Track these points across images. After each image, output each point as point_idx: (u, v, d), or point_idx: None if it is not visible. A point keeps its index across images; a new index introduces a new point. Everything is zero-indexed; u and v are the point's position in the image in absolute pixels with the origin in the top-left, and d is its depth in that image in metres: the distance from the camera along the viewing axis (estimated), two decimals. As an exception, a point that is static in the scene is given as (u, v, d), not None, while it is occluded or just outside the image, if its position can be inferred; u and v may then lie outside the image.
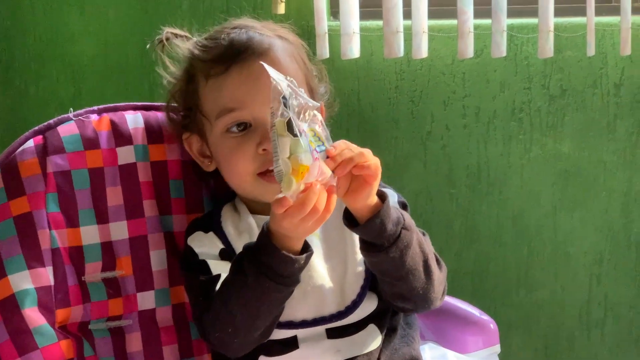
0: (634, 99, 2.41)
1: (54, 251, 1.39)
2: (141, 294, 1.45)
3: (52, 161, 1.41)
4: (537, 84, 2.44)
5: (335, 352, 1.36)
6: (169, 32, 1.48)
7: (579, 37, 2.37)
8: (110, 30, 2.59)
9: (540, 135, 2.47)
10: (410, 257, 1.29)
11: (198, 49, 1.41)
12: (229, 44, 1.38)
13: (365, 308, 1.37)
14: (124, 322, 1.44)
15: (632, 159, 2.45)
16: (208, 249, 1.39)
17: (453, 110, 2.49)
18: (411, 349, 1.41)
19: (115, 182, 1.44)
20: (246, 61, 1.37)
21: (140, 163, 1.46)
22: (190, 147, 1.46)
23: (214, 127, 1.39)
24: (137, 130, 1.47)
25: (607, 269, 2.52)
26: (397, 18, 2.35)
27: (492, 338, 1.58)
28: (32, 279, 1.36)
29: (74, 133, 1.44)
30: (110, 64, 2.61)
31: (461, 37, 2.34)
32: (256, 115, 1.36)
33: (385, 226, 1.25)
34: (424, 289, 1.34)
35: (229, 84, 1.37)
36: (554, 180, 2.49)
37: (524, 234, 2.53)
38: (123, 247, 1.44)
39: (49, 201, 1.40)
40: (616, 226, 2.49)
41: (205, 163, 1.46)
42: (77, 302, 1.41)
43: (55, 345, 1.36)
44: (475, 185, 2.52)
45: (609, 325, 2.55)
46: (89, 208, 1.42)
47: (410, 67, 2.48)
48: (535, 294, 2.55)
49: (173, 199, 1.48)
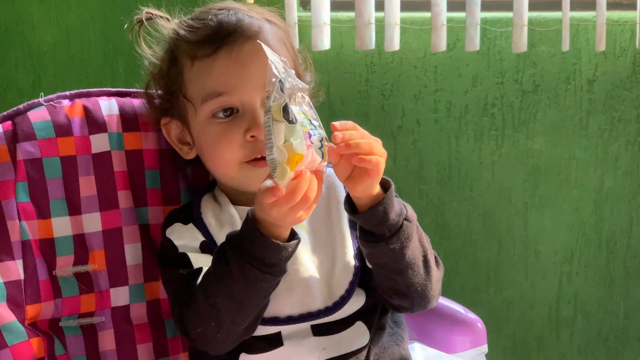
0: (607, 95, 2.39)
1: (24, 243, 1.31)
2: (114, 290, 1.38)
3: (22, 148, 1.33)
4: (510, 78, 2.41)
5: (321, 350, 1.30)
6: (149, 13, 1.40)
7: (553, 32, 2.34)
8: (72, 17, 2.52)
9: (512, 131, 2.43)
10: (410, 250, 1.24)
11: (184, 29, 1.33)
12: (218, 25, 1.31)
13: (353, 304, 1.31)
14: (97, 319, 1.37)
15: (604, 156, 2.42)
16: (188, 241, 1.32)
17: (424, 104, 2.45)
18: (401, 349, 1.35)
19: (89, 171, 1.36)
20: (235, 43, 1.30)
21: (114, 152, 1.38)
22: (168, 133, 1.39)
23: (199, 112, 1.32)
24: (112, 117, 1.40)
25: (578, 268, 2.49)
26: (369, 9, 2.31)
27: (480, 338, 1.54)
28: (0, 273, 1.29)
29: (46, 119, 1.36)
30: (72, 52, 2.53)
31: (434, 30, 2.30)
32: (244, 100, 1.29)
33: (387, 215, 1.20)
34: (422, 286, 1.29)
35: (217, 66, 1.30)
36: (525, 177, 2.46)
37: (495, 231, 2.50)
38: (96, 240, 1.36)
39: (19, 190, 1.32)
40: (587, 224, 2.47)
41: (185, 150, 1.39)
42: (48, 298, 1.33)
43: (25, 343, 1.28)
44: (446, 182, 2.48)
45: (578, 324, 2.52)
46: (61, 198, 1.34)
47: (382, 60, 2.43)
48: (505, 293, 2.52)
49: (149, 190, 1.41)
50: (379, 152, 1.17)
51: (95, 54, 2.52)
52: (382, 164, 1.17)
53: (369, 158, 1.14)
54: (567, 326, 2.52)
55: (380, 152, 1.17)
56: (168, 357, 1.42)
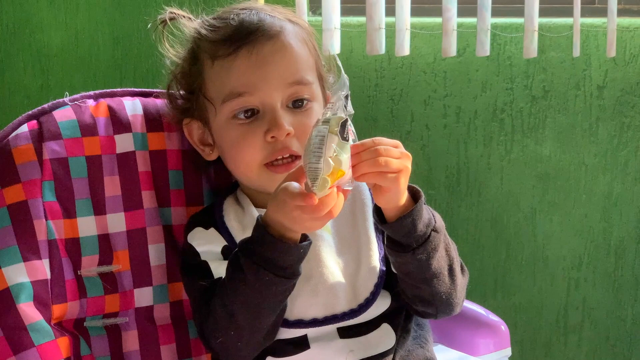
0: (617, 101, 2.39)
1: (50, 243, 1.30)
2: (138, 290, 1.37)
3: (48, 147, 1.32)
4: (520, 84, 2.41)
5: (348, 352, 1.29)
6: (173, 12, 1.40)
7: (563, 38, 2.35)
8: (80, 20, 2.51)
9: (522, 137, 2.44)
10: (436, 260, 1.24)
11: (205, 28, 1.33)
12: (239, 24, 1.30)
13: (379, 307, 1.31)
14: (120, 320, 1.36)
15: (613, 163, 2.43)
16: (210, 247, 1.31)
17: (433, 109, 2.45)
18: (425, 351, 1.35)
19: (114, 171, 1.36)
20: (257, 43, 1.29)
21: (139, 152, 1.38)
22: (190, 133, 1.38)
23: (219, 112, 1.31)
24: (136, 117, 1.39)
25: (586, 274, 2.49)
26: (380, 14, 2.31)
27: (504, 341, 1.54)
28: (27, 272, 1.28)
29: (71, 118, 1.35)
30: (80, 55, 2.52)
31: (445, 35, 2.30)
32: (265, 101, 1.28)
33: (415, 226, 1.19)
34: (447, 294, 1.29)
35: (238, 66, 1.29)
36: (534, 183, 2.46)
37: (503, 236, 2.50)
38: (120, 240, 1.36)
39: (45, 189, 1.31)
40: (596, 230, 2.47)
41: (206, 151, 1.38)
42: (74, 298, 1.32)
43: (52, 342, 1.27)
44: (455, 187, 2.48)
45: (586, 330, 2.52)
46: (86, 198, 1.34)
47: (391, 65, 2.43)
48: (513, 298, 2.52)
49: (172, 191, 1.40)
50: (396, 167, 1.15)
51: (104, 57, 2.51)
52: (400, 179, 1.15)
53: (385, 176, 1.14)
54: (575, 332, 2.52)
55: (397, 167, 1.15)
56: (191, 357, 1.41)
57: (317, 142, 1.08)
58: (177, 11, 1.40)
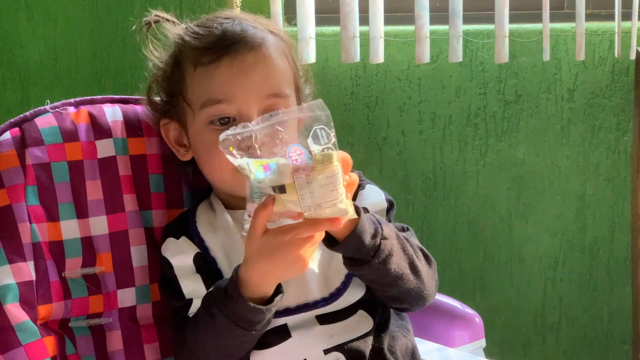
0: (587, 104, 2.45)
1: (34, 245, 1.34)
2: (121, 291, 1.40)
3: (31, 153, 1.36)
4: (493, 89, 2.46)
5: (329, 337, 1.33)
6: (157, 15, 1.43)
7: (533, 43, 2.40)
8: (59, 34, 2.54)
9: (496, 141, 2.48)
10: (394, 263, 1.28)
11: (189, 35, 1.36)
12: (222, 33, 1.34)
13: (353, 295, 1.35)
14: (104, 320, 1.40)
15: (585, 164, 2.48)
16: (182, 257, 1.36)
17: (409, 115, 2.49)
18: (408, 340, 1.40)
19: (95, 175, 1.39)
20: (238, 53, 1.33)
21: (119, 156, 1.42)
22: (167, 134, 1.42)
23: (197, 117, 1.35)
24: (116, 123, 1.43)
25: (562, 274, 2.54)
26: (354, 23, 2.35)
27: (478, 332, 1.58)
28: (13, 274, 1.31)
29: (53, 125, 1.39)
30: (59, 70, 2.55)
31: (418, 43, 2.34)
32: (242, 110, 1.32)
33: (363, 242, 1.23)
34: (415, 290, 1.33)
35: (219, 74, 1.33)
36: (509, 186, 2.51)
37: (480, 239, 2.54)
38: (103, 242, 1.39)
39: (29, 194, 1.34)
40: (570, 231, 2.52)
41: (181, 152, 1.42)
42: (59, 299, 1.36)
43: (39, 342, 1.31)
44: (431, 191, 2.52)
45: (563, 329, 2.57)
46: (69, 202, 1.37)
47: (366, 73, 2.48)
48: (491, 299, 2.56)
49: (153, 194, 1.44)
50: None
51: (82, 72, 2.54)
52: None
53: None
54: (553, 331, 2.57)
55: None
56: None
57: (332, 184, 1.10)
58: (162, 14, 1.43)
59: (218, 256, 1.36)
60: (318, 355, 1.33)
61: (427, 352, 1.43)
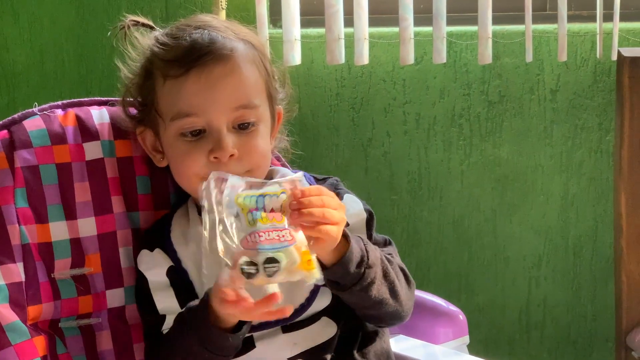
0: (570, 104, 2.47)
1: (24, 247, 1.35)
2: (110, 292, 1.42)
3: (19, 156, 1.37)
4: (476, 90, 2.48)
5: (293, 345, 1.35)
6: (131, 20, 1.44)
7: (516, 44, 2.43)
8: (45, 37, 2.55)
9: (480, 141, 2.51)
10: (375, 290, 1.30)
11: (158, 47, 1.36)
12: (190, 45, 1.33)
13: (318, 304, 1.37)
14: (94, 320, 1.41)
15: (568, 163, 2.51)
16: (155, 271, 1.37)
17: (393, 116, 2.51)
18: (382, 342, 1.41)
19: (83, 177, 1.40)
20: (206, 66, 1.32)
21: (107, 159, 1.43)
22: (144, 141, 1.43)
23: (167, 128, 1.36)
24: (103, 125, 1.44)
25: (546, 272, 2.57)
26: (339, 25, 2.37)
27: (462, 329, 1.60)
28: (3, 275, 1.32)
29: (41, 128, 1.40)
30: (46, 72, 2.56)
31: (402, 44, 2.37)
32: (211, 123, 1.32)
33: (348, 270, 1.25)
34: (393, 312, 1.35)
35: (187, 88, 1.32)
36: (493, 185, 2.53)
37: (464, 239, 2.56)
38: (92, 243, 1.40)
39: (18, 196, 1.35)
40: (554, 230, 2.54)
41: (157, 158, 1.42)
42: (48, 299, 1.37)
43: (28, 342, 1.32)
44: (416, 191, 2.54)
45: (548, 327, 2.59)
46: (58, 204, 1.38)
47: (351, 74, 2.50)
48: (476, 299, 2.58)
49: (140, 195, 1.45)
50: (333, 219, 1.20)
51: (69, 74, 2.56)
52: (334, 231, 1.21)
53: (319, 227, 1.19)
54: (537, 329, 2.59)
55: (334, 219, 1.20)
56: (163, 355, 1.46)
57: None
58: (138, 19, 1.44)
59: (189, 268, 1.37)
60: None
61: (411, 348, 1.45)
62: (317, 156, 2.53)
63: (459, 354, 1.51)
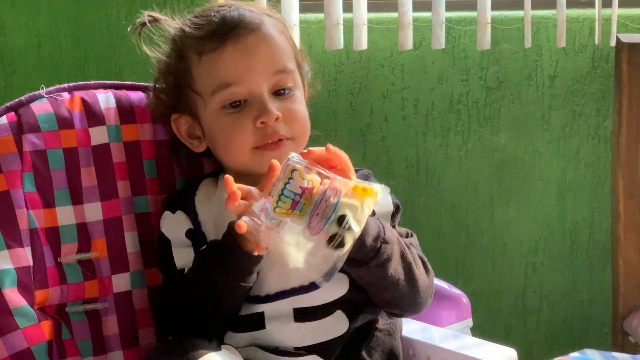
0: (568, 90, 2.48)
1: (31, 231, 1.35)
2: (116, 276, 1.42)
3: (27, 139, 1.37)
4: (475, 75, 2.48)
5: (301, 336, 1.36)
6: (150, 15, 1.46)
7: (515, 30, 2.43)
8: (42, 22, 2.54)
9: (478, 127, 2.51)
10: (392, 268, 1.31)
11: (189, 26, 1.40)
12: (221, 20, 1.38)
13: (335, 292, 1.37)
14: (100, 305, 1.41)
15: (565, 149, 2.51)
16: (176, 232, 1.39)
17: (392, 102, 2.51)
18: (392, 339, 1.42)
19: (89, 162, 1.41)
20: (240, 36, 1.36)
21: (113, 144, 1.43)
22: (178, 128, 1.44)
23: (209, 104, 1.38)
24: (110, 110, 1.44)
25: (542, 258, 2.58)
26: (338, 10, 2.37)
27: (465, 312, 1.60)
28: (11, 259, 1.32)
29: (49, 112, 1.40)
30: (43, 57, 2.55)
31: (401, 29, 2.36)
32: (252, 89, 1.36)
33: (364, 242, 1.26)
34: (409, 297, 1.36)
35: (224, 59, 1.36)
36: (491, 171, 2.54)
37: (462, 224, 2.57)
38: (97, 228, 1.41)
39: (25, 180, 1.36)
40: (551, 215, 2.55)
41: (195, 144, 1.44)
42: (55, 284, 1.37)
43: (36, 326, 1.32)
44: (414, 177, 2.55)
45: (544, 312, 2.60)
46: (64, 188, 1.39)
47: (350, 60, 2.49)
48: (473, 284, 2.59)
49: (147, 179, 1.46)
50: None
51: (66, 59, 2.54)
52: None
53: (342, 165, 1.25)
54: (534, 315, 2.61)
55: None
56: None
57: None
58: (155, 14, 1.46)
59: (208, 231, 1.39)
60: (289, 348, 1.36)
61: (410, 332, 1.45)
62: (315, 142, 2.52)
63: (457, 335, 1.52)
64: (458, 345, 1.42)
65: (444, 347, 1.42)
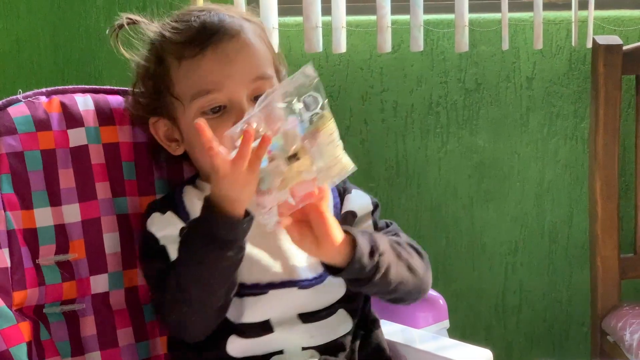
0: (546, 92, 2.50)
1: (9, 233, 1.36)
2: (94, 278, 1.43)
3: (4, 142, 1.38)
4: (453, 78, 2.50)
5: (310, 337, 1.38)
6: (128, 18, 1.46)
7: (492, 32, 2.44)
8: (21, 26, 2.54)
9: (457, 129, 2.53)
10: (393, 273, 1.33)
11: (169, 31, 1.39)
12: (201, 26, 1.38)
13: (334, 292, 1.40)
14: (78, 306, 1.42)
15: (544, 151, 2.53)
16: (168, 230, 1.38)
17: (371, 104, 2.52)
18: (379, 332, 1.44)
19: (68, 164, 1.41)
20: (220, 42, 1.36)
21: (92, 145, 1.44)
22: (156, 131, 1.44)
23: (188, 109, 1.38)
24: (88, 112, 1.45)
25: (522, 258, 2.59)
26: (316, 13, 2.37)
27: (442, 313, 1.61)
28: None
29: (26, 114, 1.41)
30: (22, 62, 2.55)
31: (380, 32, 2.37)
32: (232, 97, 1.36)
33: (363, 264, 1.29)
34: (415, 287, 1.39)
35: (204, 66, 1.36)
36: (470, 173, 2.55)
37: (442, 225, 2.58)
38: (76, 230, 1.42)
39: (3, 182, 1.36)
40: (530, 216, 2.57)
41: (173, 147, 1.45)
42: (33, 285, 1.38)
43: (14, 327, 1.33)
44: (394, 179, 2.56)
45: (524, 312, 2.62)
46: (42, 190, 1.39)
47: (329, 63, 2.51)
48: (454, 285, 2.60)
49: (126, 181, 1.47)
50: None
51: (45, 64, 2.54)
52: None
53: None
54: (514, 315, 2.62)
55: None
56: (148, 340, 1.47)
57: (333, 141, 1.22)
58: (133, 16, 1.46)
59: None
60: (296, 350, 1.37)
61: (391, 333, 1.47)
62: (295, 144, 2.54)
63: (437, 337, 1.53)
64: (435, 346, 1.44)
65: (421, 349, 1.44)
